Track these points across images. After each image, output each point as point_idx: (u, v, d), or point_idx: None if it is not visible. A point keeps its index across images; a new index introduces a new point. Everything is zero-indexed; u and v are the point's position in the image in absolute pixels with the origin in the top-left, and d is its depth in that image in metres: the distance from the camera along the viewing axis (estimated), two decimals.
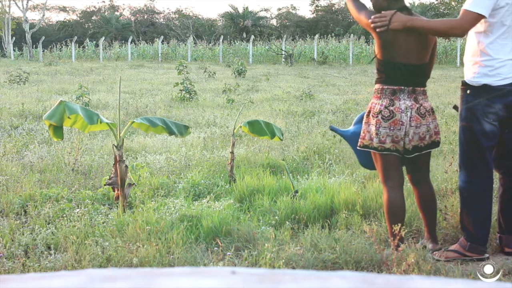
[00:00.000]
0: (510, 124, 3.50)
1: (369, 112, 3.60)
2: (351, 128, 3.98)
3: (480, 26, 3.42)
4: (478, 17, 3.31)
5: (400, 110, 3.50)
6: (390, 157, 3.58)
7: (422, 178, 3.76)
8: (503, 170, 3.68)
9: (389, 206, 3.59)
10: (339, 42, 36.62)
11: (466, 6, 3.33)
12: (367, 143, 3.60)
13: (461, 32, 3.35)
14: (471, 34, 3.53)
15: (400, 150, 3.57)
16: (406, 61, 3.49)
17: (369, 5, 3.62)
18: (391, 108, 3.50)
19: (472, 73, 3.48)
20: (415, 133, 3.55)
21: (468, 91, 3.51)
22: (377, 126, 3.53)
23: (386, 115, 3.51)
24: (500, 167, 3.68)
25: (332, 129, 4.14)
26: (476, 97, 3.45)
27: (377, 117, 3.53)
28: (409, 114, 3.51)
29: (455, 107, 3.72)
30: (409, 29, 3.37)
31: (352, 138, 3.91)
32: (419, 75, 3.58)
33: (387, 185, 3.62)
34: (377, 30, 3.39)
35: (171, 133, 4.62)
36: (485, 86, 3.43)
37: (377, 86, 3.59)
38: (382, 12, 3.41)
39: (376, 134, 3.54)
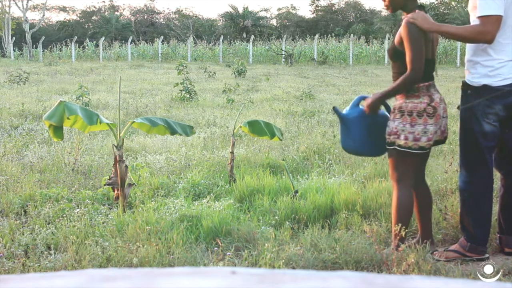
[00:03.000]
0: (510, 124, 3.49)
1: (411, 112, 3.50)
2: (351, 111, 3.84)
3: None
4: (498, 18, 3.30)
5: (438, 104, 3.54)
6: (420, 156, 3.57)
7: (422, 177, 3.76)
8: (504, 170, 3.68)
9: (403, 205, 3.55)
10: (339, 42, 36.63)
11: (481, 13, 3.30)
12: (411, 144, 3.50)
13: (490, 37, 3.31)
14: None
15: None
16: (431, 56, 3.56)
17: None
18: (432, 104, 3.51)
19: (472, 74, 3.49)
20: (443, 124, 3.63)
21: (468, 92, 3.51)
22: (425, 124, 3.49)
23: (430, 112, 3.50)
24: (501, 167, 3.67)
25: (334, 110, 3.94)
26: (476, 97, 3.45)
27: (423, 116, 3.49)
28: (442, 106, 3.58)
29: (459, 108, 3.72)
30: (435, 32, 3.47)
31: (353, 121, 3.80)
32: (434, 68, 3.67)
33: (402, 183, 3.57)
34: (411, 20, 3.42)
35: (173, 132, 4.62)
36: (485, 87, 3.42)
37: None
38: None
39: (425, 132, 3.49)
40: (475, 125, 3.48)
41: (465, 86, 3.54)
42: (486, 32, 3.29)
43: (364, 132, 3.77)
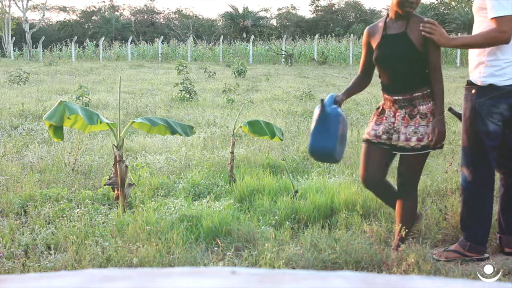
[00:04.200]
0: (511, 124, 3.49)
1: (432, 113, 3.50)
2: (333, 108, 3.64)
3: (488, 26, 3.39)
4: None
5: None
6: None
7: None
8: (504, 170, 3.67)
9: (415, 212, 3.65)
10: (339, 42, 36.63)
11: (495, 14, 3.27)
12: (426, 143, 3.51)
13: (507, 36, 3.29)
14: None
15: None
16: None
17: None
18: None
19: (478, 73, 3.46)
20: None
21: (473, 91, 3.49)
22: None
23: None
24: (501, 167, 3.67)
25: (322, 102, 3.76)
26: (481, 96, 3.43)
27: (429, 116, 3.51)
28: None
29: (450, 110, 3.72)
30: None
31: (335, 118, 3.61)
32: None
33: (416, 188, 3.64)
34: (428, 35, 3.38)
35: (173, 132, 4.62)
36: (491, 86, 3.40)
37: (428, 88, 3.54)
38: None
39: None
40: (479, 125, 3.46)
41: (470, 85, 3.52)
42: (503, 32, 3.28)
43: (339, 132, 3.59)
